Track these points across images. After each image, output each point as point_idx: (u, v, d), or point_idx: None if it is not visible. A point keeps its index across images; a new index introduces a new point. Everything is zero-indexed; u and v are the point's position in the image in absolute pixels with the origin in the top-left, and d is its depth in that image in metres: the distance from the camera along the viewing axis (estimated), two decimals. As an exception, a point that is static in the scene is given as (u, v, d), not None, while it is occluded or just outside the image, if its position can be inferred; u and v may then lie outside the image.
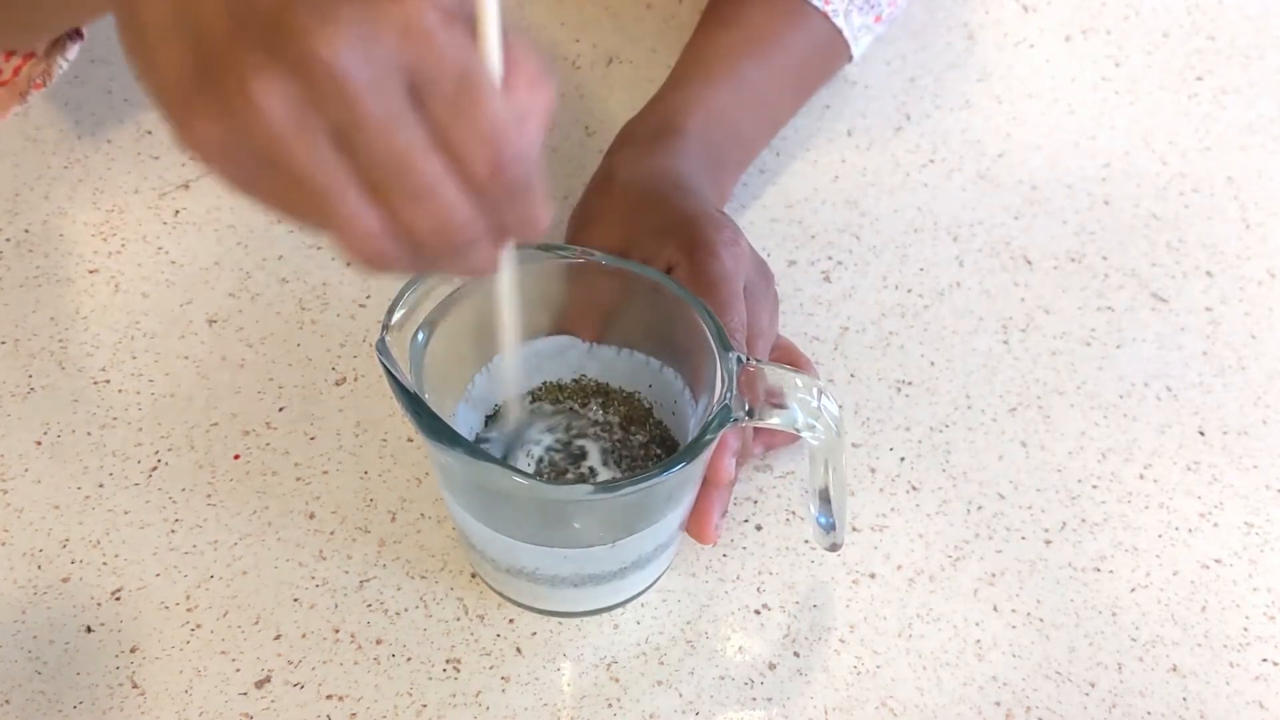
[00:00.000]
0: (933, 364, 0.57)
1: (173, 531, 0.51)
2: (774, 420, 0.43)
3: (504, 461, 0.40)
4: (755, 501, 0.52)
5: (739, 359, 0.42)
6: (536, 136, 0.32)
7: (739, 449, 0.47)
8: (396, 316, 0.42)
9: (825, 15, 0.61)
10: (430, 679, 0.47)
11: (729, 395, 0.42)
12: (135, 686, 0.47)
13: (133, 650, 0.48)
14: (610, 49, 0.69)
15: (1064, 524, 0.52)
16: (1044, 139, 0.66)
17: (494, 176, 0.31)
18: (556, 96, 0.33)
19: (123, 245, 0.60)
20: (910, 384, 0.56)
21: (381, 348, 0.41)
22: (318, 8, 0.29)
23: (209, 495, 0.52)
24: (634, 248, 0.50)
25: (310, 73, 0.29)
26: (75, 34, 0.51)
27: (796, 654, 0.48)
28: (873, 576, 0.50)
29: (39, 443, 0.53)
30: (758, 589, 0.50)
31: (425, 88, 0.30)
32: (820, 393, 0.43)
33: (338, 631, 0.48)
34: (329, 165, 0.30)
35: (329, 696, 0.47)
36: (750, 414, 0.42)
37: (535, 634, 0.48)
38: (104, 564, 0.50)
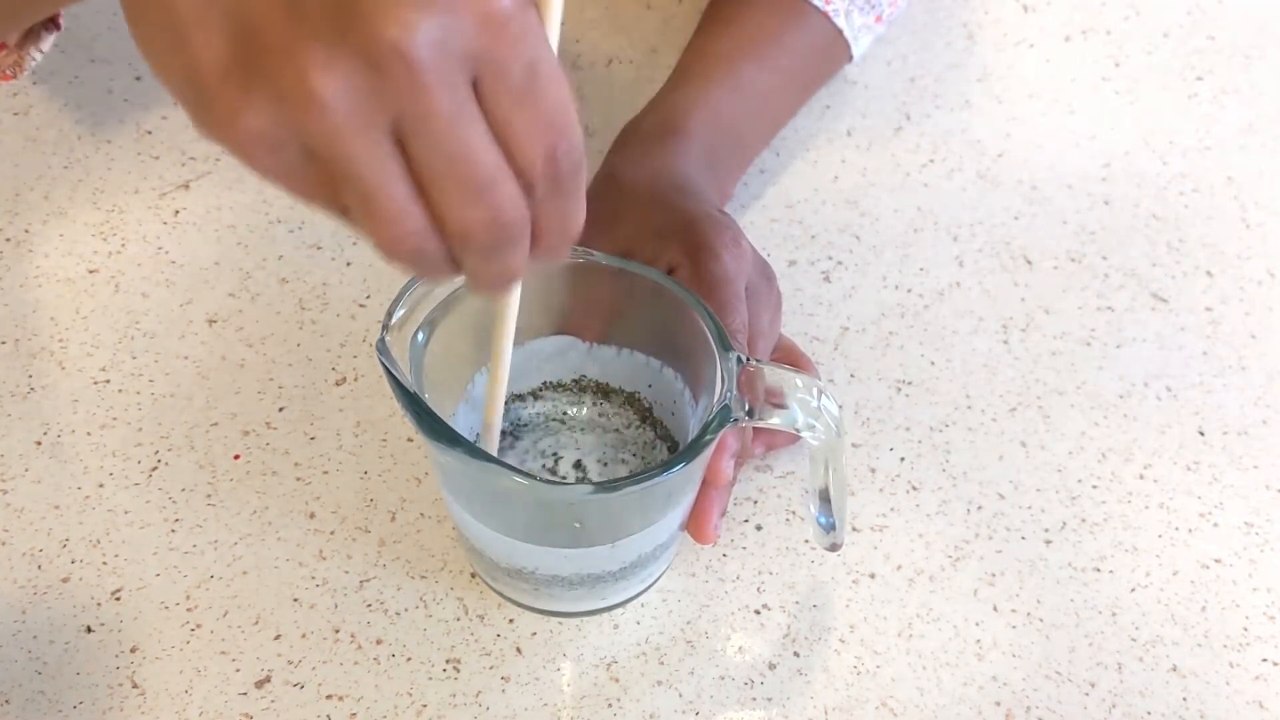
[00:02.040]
0: (933, 364, 0.57)
1: (173, 531, 0.51)
2: (774, 420, 0.43)
3: (504, 461, 0.40)
4: (755, 501, 0.52)
5: (739, 359, 0.42)
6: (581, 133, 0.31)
7: (739, 449, 0.47)
8: (396, 316, 0.42)
9: (826, 15, 0.61)
10: (430, 679, 0.47)
11: (729, 395, 0.42)
12: (135, 686, 0.47)
13: (133, 650, 0.48)
14: (610, 49, 0.69)
15: (1064, 524, 0.52)
16: (1044, 139, 0.66)
17: (550, 164, 0.31)
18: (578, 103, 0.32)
19: (123, 245, 0.60)
20: (910, 384, 0.56)
21: (381, 348, 0.41)
22: None
23: (209, 495, 0.52)
24: (635, 248, 0.50)
25: (379, 61, 0.27)
26: (51, 24, 0.50)
27: (796, 654, 0.48)
28: (873, 576, 0.50)
29: (39, 443, 0.53)
30: (758, 589, 0.50)
31: (494, 77, 0.29)
32: (820, 393, 0.43)
33: (338, 631, 0.48)
34: (383, 161, 0.29)
35: (329, 696, 0.47)
36: (750, 414, 0.42)
37: (535, 634, 0.48)
38: (104, 564, 0.50)
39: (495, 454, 0.45)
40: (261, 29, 0.28)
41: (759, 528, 0.51)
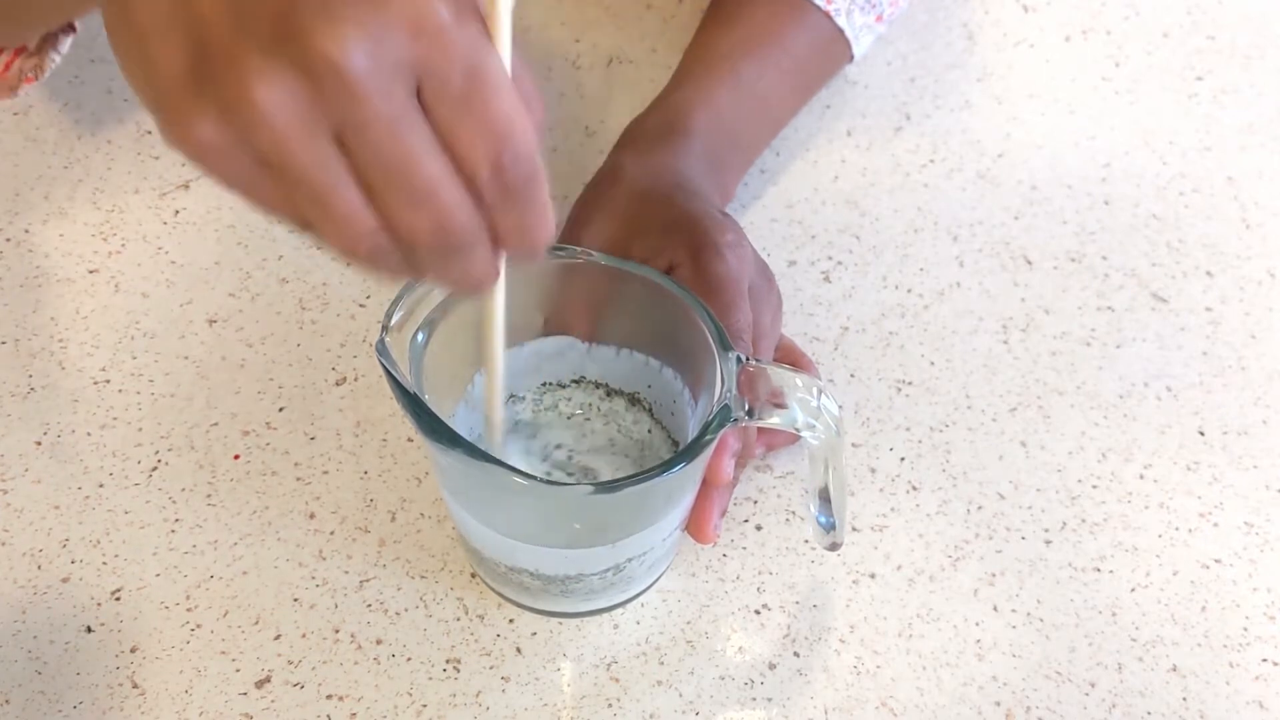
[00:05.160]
0: (933, 364, 0.57)
1: (173, 531, 0.51)
2: (774, 420, 0.43)
3: (504, 462, 0.40)
4: (755, 501, 0.52)
5: (738, 359, 0.42)
6: (535, 143, 0.32)
7: (739, 449, 0.47)
8: (396, 317, 0.42)
9: (827, 15, 0.61)
10: (430, 679, 0.47)
11: (729, 395, 0.42)
12: (135, 686, 0.47)
13: (133, 650, 0.48)
14: (610, 49, 0.69)
15: (1064, 524, 0.52)
16: (1044, 139, 0.66)
17: (497, 173, 0.31)
18: (546, 111, 0.32)
19: (123, 245, 0.60)
20: (910, 384, 0.56)
21: (381, 348, 0.41)
22: (326, 6, 0.28)
23: (209, 495, 0.52)
24: (636, 247, 0.50)
25: (316, 73, 0.28)
26: (68, 27, 0.51)
27: (796, 654, 0.48)
28: (873, 576, 0.50)
29: (39, 443, 0.53)
30: (758, 589, 0.50)
31: (433, 86, 0.30)
32: (820, 392, 0.43)
33: (338, 631, 0.48)
34: (329, 166, 0.30)
35: (329, 696, 0.47)
36: (750, 414, 0.42)
37: (535, 634, 0.48)
38: (104, 564, 0.50)
39: (499, 451, 0.45)
40: (212, 40, 0.29)
41: (759, 528, 0.51)
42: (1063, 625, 0.49)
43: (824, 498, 0.46)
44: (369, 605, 0.49)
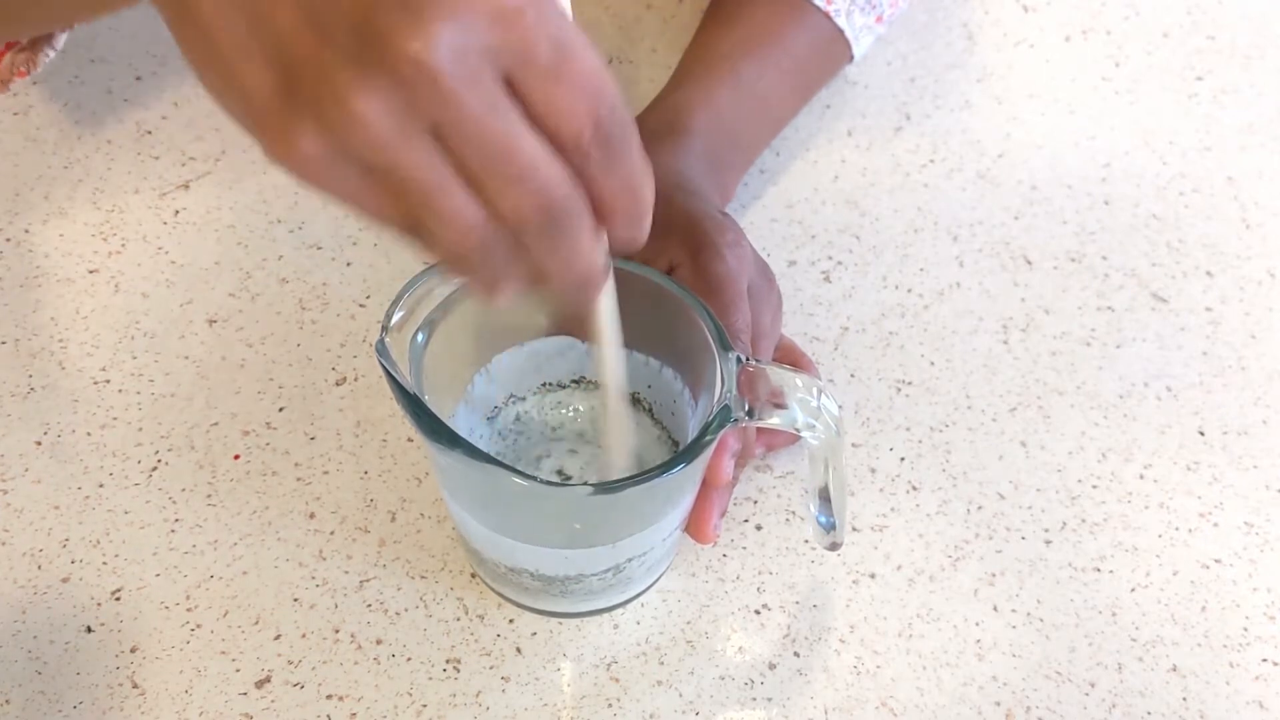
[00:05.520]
0: (933, 364, 0.57)
1: (173, 531, 0.51)
2: (774, 420, 0.43)
3: (504, 462, 0.40)
4: (755, 501, 0.52)
5: (738, 359, 0.42)
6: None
7: (739, 450, 0.47)
8: (396, 317, 0.42)
9: (827, 15, 0.61)
10: (430, 679, 0.47)
11: (729, 395, 0.42)
12: (135, 686, 0.47)
13: (133, 650, 0.48)
14: (610, 49, 0.69)
15: (1064, 524, 0.52)
16: (1044, 139, 0.66)
17: (598, 129, 0.31)
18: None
19: (123, 245, 0.60)
20: (910, 384, 0.56)
21: (381, 349, 0.41)
22: (403, 5, 0.28)
23: (209, 495, 0.52)
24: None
25: (406, 76, 0.28)
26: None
27: (796, 654, 0.48)
28: (873, 576, 0.50)
29: (39, 443, 0.53)
30: (758, 589, 0.50)
31: (522, 65, 0.30)
32: (820, 392, 0.43)
33: (338, 631, 0.48)
34: (432, 165, 0.30)
35: (329, 696, 0.47)
36: (750, 414, 0.42)
37: (535, 634, 0.48)
38: (104, 564, 0.50)
39: (618, 473, 0.45)
40: (296, 55, 0.29)
41: (759, 528, 0.51)
42: (1063, 625, 0.49)
43: (824, 498, 0.46)
44: (369, 605, 0.49)
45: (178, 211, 0.61)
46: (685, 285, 0.45)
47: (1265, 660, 0.49)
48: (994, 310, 0.59)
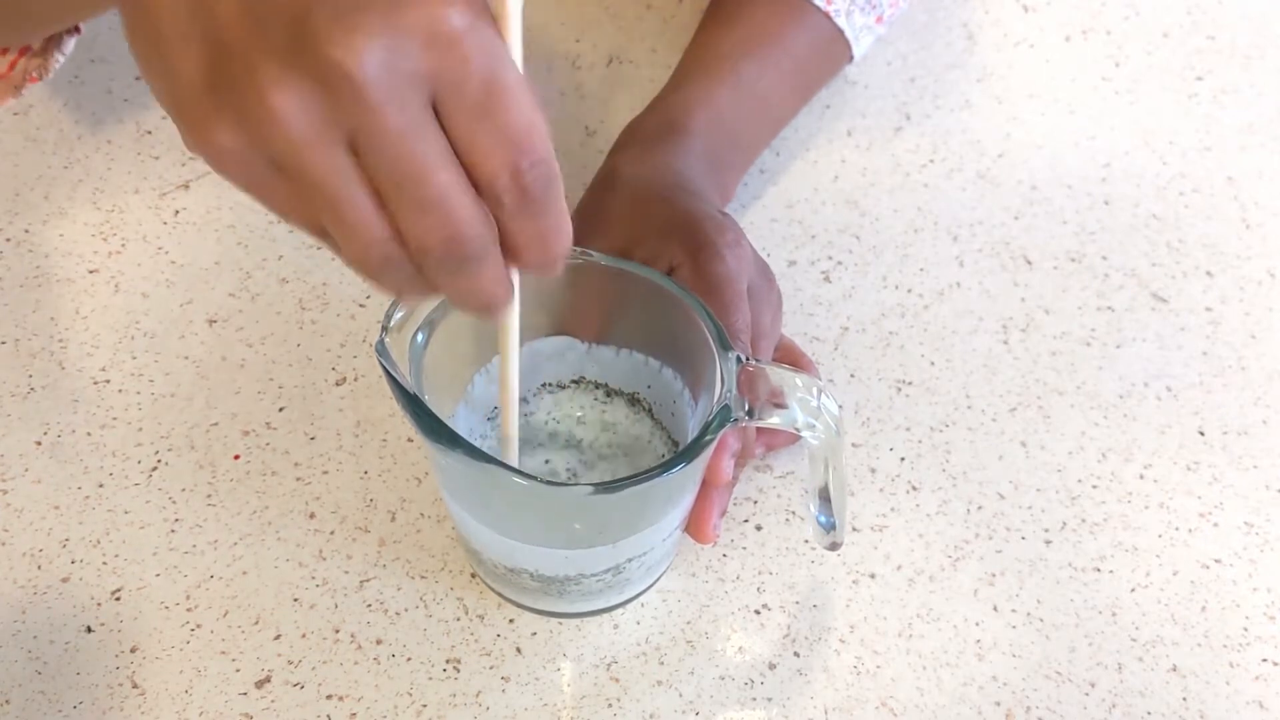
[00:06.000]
0: (933, 364, 0.57)
1: (173, 531, 0.51)
2: (774, 420, 0.43)
3: (504, 462, 0.40)
4: (755, 501, 0.52)
5: (738, 359, 0.42)
6: (552, 148, 0.31)
7: (739, 449, 0.47)
8: (396, 317, 0.42)
9: (827, 15, 0.61)
10: (430, 679, 0.47)
11: (729, 395, 0.42)
12: (135, 686, 0.47)
13: (133, 650, 0.48)
14: (610, 49, 0.69)
15: (1064, 524, 0.52)
16: (1044, 139, 0.66)
17: (516, 179, 0.31)
18: (546, 113, 0.32)
19: (123, 245, 0.60)
20: (910, 384, 0.56)
21: (381, 349, 0.41)
22: (340, 14, 0.28)
23: (209, 495, 0.52)
24: (636, 247, 0.50)
25: (329, 81, 0.28)
26: (73, 29, 0.51)
27: (796, 654, 0.48)
28: (873, 576, 0.50)
29: (39, 443, 0.53)
30: (758, 589, 0.50)
31: (450, 96, 0.30)
32: (820, 392, 0.43)
33: (338, 631, 0.48)
34: (341, 173, 0.30)
35: (329, 696, 0.47)
36: (750, 414, 0.42)
37: (535, 634, 0.48)
38: (104, 564, 0.50)
39: (515, 465, 0.45)
40: (228, 45, 0.29)
41: (759, 528, 0.51)
42: (1063, 625, 0.49)
43: (824, 498, 0.46)
44: (369, 605, 0.49)
45: (178, 211, 0.61)
46: (685, 285, 0.45)
47: (1265, 660, 0.49)
48: (994, 310, 0.59)
